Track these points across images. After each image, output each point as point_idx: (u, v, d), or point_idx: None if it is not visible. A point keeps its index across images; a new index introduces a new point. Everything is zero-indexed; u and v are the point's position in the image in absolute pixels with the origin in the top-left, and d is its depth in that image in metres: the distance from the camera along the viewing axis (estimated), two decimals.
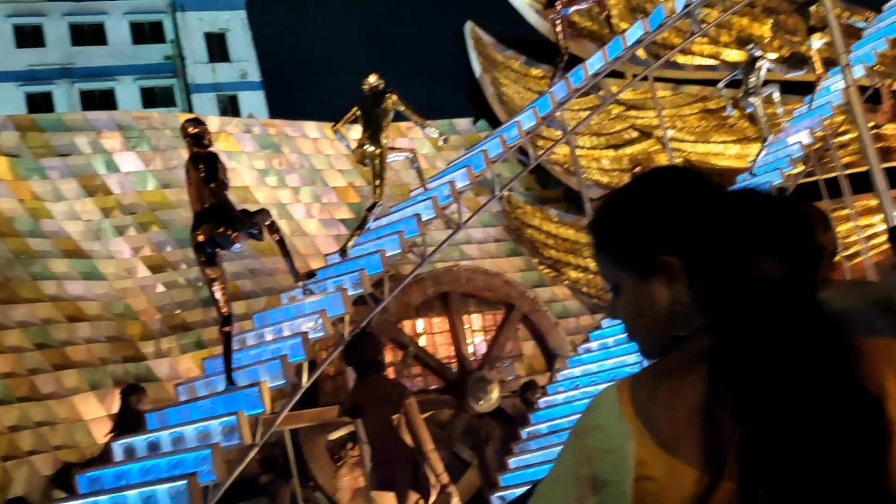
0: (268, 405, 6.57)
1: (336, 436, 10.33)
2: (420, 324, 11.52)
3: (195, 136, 6.74)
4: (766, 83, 12.78)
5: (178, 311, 11.98)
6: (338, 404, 8.38)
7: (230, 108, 29.17)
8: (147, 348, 11.58)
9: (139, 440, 6.46)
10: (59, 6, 28.92)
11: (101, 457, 7.10)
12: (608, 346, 9.53)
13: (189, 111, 26.80)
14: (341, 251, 8.84)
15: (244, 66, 30.82)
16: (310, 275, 8.19)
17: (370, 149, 8.54)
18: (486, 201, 10.70)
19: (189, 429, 6.37)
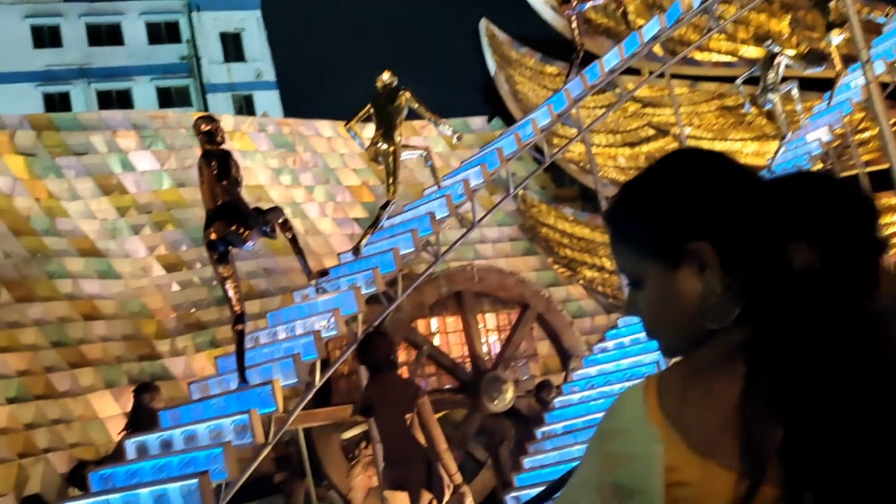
0: (280, 404, 6.54)
1: (350, 435, 10.31)
2: (434, 323, 11.47)
3: (208, 133, 6.71)
4: (785, 80, 12.65)
5: (193, 310, 12.00)
6: (351, 403, 8.34)
7: (245, 108, 29.27)
8: (162, 347, 11.61)
9: (152, 438, 6.44)
10: (76, 7, 29.12)
11: (113, 455, 7.10)
12: (624, 345, 9.44)
13: (205, 111, 26.89)
14: (354, 249, 8.80)
15: (259, 65, 30.90)
16: (323, 273, 8.15)
17: (384, 146, 8.49)
18: (501, 199, 10.64)
19: (201, 427, 6.35)
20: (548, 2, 14.97)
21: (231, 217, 6.52)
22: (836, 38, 12.44)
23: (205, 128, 6.75)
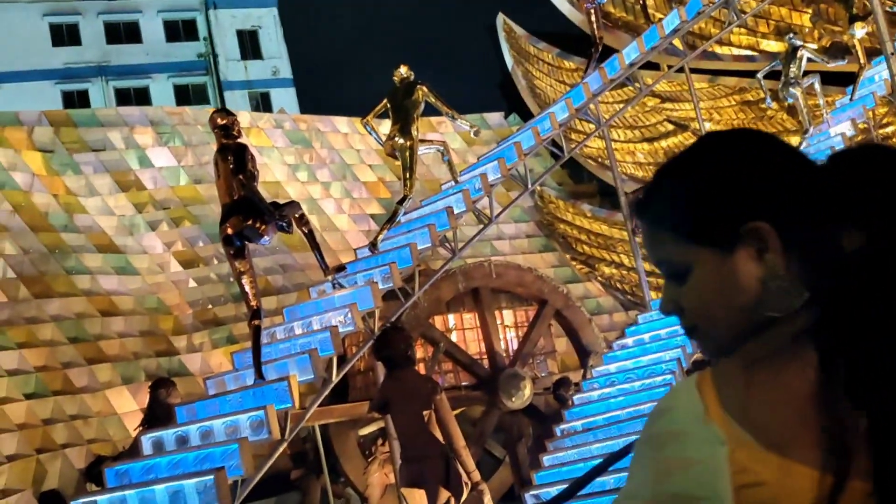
0: (296, 400, 6.49)
1: (367, 431, 10.26)
2: (451, 319, 11.40)
3: (224, 127, 6.66)
4: (807, 74, 12.46)
5: (210, 306, 12.00)
6: (368, 400, 8.29)
7: (262, 105, 29.33)
8: (179, 343, 11.62)
9: (168, 434, 6.41)
10: (95, 5, 29.29)
11: (130, 450, 7.08)
12: (644, 342, 9.32)
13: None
14: (371, 245, 8.74)
15: (276, 63, 30.96)
16: (339, 268, 8.10)
17: (400, 141, 8.41)
18: (518, 195, 10.54)
19: (217, 423, 6.31)
20: None
21: (247, 212, 6.46)
22: (860, 31, 12.24)
23: (221, 121, 6.69)
